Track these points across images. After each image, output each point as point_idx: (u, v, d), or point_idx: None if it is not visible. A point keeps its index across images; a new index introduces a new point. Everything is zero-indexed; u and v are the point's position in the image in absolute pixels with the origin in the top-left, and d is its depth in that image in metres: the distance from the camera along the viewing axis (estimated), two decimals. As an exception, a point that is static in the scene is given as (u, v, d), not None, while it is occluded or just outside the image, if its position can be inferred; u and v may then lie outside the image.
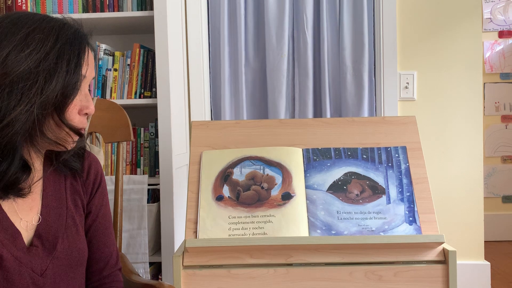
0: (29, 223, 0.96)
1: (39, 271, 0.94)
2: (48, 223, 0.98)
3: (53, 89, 0.86)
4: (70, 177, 1.05)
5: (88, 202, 1.07)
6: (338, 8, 2.35)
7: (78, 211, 1.04)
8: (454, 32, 2.31)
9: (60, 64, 0.87)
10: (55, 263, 0.96)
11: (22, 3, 2.08)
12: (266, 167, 1.12)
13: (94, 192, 1.08)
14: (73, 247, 1.00)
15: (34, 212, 0.97)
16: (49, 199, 1.00)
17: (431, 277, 1.01)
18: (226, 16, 2.39)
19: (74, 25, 0.94)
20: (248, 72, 2.43)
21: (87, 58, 0.92)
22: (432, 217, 1.07)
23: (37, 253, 0.94)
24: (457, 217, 2.33)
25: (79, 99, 0.93)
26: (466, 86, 2.32)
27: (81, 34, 0.93)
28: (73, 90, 0.89)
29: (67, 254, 0.98)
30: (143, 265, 1.93)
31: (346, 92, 2.35)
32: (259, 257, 1.02)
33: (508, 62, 3.45)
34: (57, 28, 0.90)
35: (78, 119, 0.93)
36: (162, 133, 1.96)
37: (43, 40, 0.87)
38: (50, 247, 0.96)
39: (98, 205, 1.09)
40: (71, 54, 0.89)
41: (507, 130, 3.47)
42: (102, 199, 1.10)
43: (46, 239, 0.96)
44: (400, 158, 1.14)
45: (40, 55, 0.86)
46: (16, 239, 0.93)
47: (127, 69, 2.08)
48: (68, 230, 1.00)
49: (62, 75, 0.87)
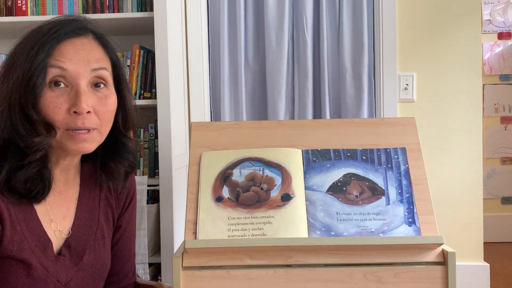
0: (61, 231, 0.95)
1: (63, 281, 0.93)
2: (78, 234, 0.97)
3: (15, 81, 0.84)
4: (105, 190, 1.03)
5: (119, 216, 1.06)
6: (337, 9, 2.35)
7: (108, 224, 1.03)
8: (454, 33, 2.32)
9: (25, 53, 0.85)
10: (79, 275, 0.95)
11: (22, 4, 2.08)
12: (266, 168, 1.12)
13: (126, 206, 1.07)
14: (98, 260, 0.99)
15: (67, 221, 0.96)
16: (83, 210, 0.99)
17: (431, 278, 1.02)
18: (226, 18, 2.40)
19: (64, 21, 0.90)
20: (248, 73, 2.43)
21: (62, 50, 0.87)
22: (431, 218, 1.07)
23: (64, 263, 0.93)
24: (457, 218, 2.33)
25: (66, 97, 0.87)
26: (466, 88, 2.32)
27: (64, 28, 0.89)
28: (37, 81, 0.84)
29: (92, 266, 0.97)
30: (143, 266, 1.93)
31: (345, 94, 2.35)
32: (258, 258, 1.02)
33: (508, 63, 3.45)
34: (37, 27, 0.89)
35: (68, 119, 0.87)
36: (162, 134, 1.96)
37: (26, 41, 0.88)
38: (77, 258, 0.95)
39: (128, 220, 1.07)
40: (33, 45, 0.86)
41: (507, 131, 3.47)
42: (132, 214, 1.08)
43: (75, 249, 0.95)
44: (399, 159, 1.14)
45: (9, 55, 0.87)
46: (46, 248, 0.91)
47: (126, 70, 2.09)
48: (96, 243, 0.99)
49: (22, 60, 0.85)
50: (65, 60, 0.87)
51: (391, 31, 2.30)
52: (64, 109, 0.87)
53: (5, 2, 2.08)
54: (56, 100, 0.86)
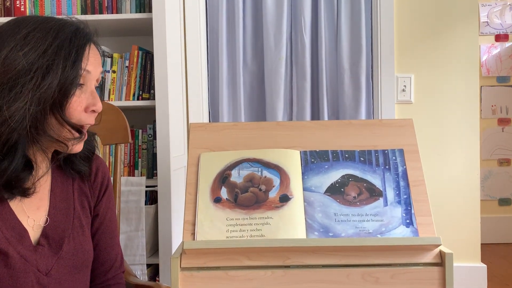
0: (36, 222, 0.96)
1: (44, 271, 0.94)
2: (55, 223, 0.98)
3: (50, 85, 0.86)
4: (78, 180, 1.05)
5: (95, 205, 1.07)
6: (336, 11, 2.36)
7: (85, 212, 1.04)
8: (451, 35, 2.32)
9: (57, 60, 0.87)
10: (60, 263, 0.96)
11: (20, 4, 2.08)
12: (264, 169, 1.13)
13: (101, 195, 1.08)
14: (79, 248, 1.00)
15: (41, 211, 0.97)
16: (57, 199, 1.00)
17: (428, 279, 1.02)
18: (224, 19, 2.40)
19: (76, 24, 0.93)
20: (246, 74, 2.43)
21: (87, 54, 0.91)
22: (429, 220, 1.07)
23: (43, 252, 0.95)
24: (454, 220, 2.34)
25: (84, 96, 0.92)
26: (463, 89, 2.33)
27: (82, 31, 0.92)
28: (71, 86, 0.88)
29: (73, 254, 0.99)
30: (141, 266, 1.93)
31: (343, 95, 2.35)
32: (256, 259, 1.02)
33: (505, 65, 3.46)
34: (57, 27, 0.90)
35: (84, 117, 0.93)
36: (160, 135, 1.96)
37: (42, 39, 0.87)
38: (57, 247, 0.97)
39: (105, 208, 1.09)
40: (69, 50, 0.88)
41: (504, 133, 3.48)
42: (109, 202, 1.10)
43: (53, 239, 0.97)
44: (397, 160, 1.14)
45: (38, 52, 0.86)
46: (23, 237, 0.93)
47: (125, 71, 2.09)
48: (74, 231, 1.00)
49: (58, 71, 0.86)
50: (90, 63, 0.92)
51: (389, 33, 2.31)
52: (83, 108, 0.92)
53: (3, 3, 2.08)
54: (79, 100, 0.91)
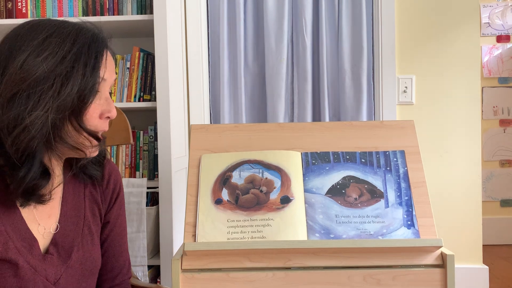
0: (47, 230, 0.95)
1: (52, 280, 0.93)
2: (65, 231, 0.97)
3: (70, 93, 0.84)
4: (89, 186, 1.03)
5: (106, 212, 1.06)
6: (337, 12, 2.36)
7: (95, 220, 1.03)
8: (453, 36, 2.32)
9: (77, 67, 0.86)
10: (68, 272, 0.95)
11: (22, 6, 2.08)
12: (265, 171, 1.12)
13: (113, 202, 1.07)
14: (87, 256, 0.99)
15: (52, 219, 0.96)
16: (68, 207, 0.99)
17: (429, 281, 1.02)
18: (226, 20, 2.40)
19: (92, 29, 0.92)
20: (247, 75, 2.43)
21: (105, 61, 0.90)
22: (430, 221, 1.07)
23: (52, 261, 0.94)
24: (456, 221, 2.33)
25: (99, 103, 0.91)
26: (465, 90, 2.33)
27: (99, 37, 0.91)
28: (91, 94, 0.87)
29: (81, 263, 0.98)
30: (142, 268, 1.93)
31: (344, 96, 2.35)
32: (257, 261, 1.02)
33: (506, 66, 3.46)
34: (74, 32, 0.89)
35: (99, 123, 0.92)
36: (161, 136, 1.96)
37: (60, 44, 0.86)
38: (65, 256, 0.96)
39: (116, 215, 1.07)
40: (88, 57, 0.87)
41: (505, 134, 3.48)
42: (120, 209, 1.08)
43: (62, 247, 0.96)
44: (398, 162, 1.14)
45: (57, 58, 0.85)
46: (32, 246, 0.92)
47: (126, 72, 2.09)
48: (84, 239, 0.99)
49: (78, 78, 0.85)
50: (107, 71, 0.91)
51: (390, 34, 2.31)
52: (98, 115, 0.91)
53: (5, 4, 2.08)
54: (95, 107, 0.90)
